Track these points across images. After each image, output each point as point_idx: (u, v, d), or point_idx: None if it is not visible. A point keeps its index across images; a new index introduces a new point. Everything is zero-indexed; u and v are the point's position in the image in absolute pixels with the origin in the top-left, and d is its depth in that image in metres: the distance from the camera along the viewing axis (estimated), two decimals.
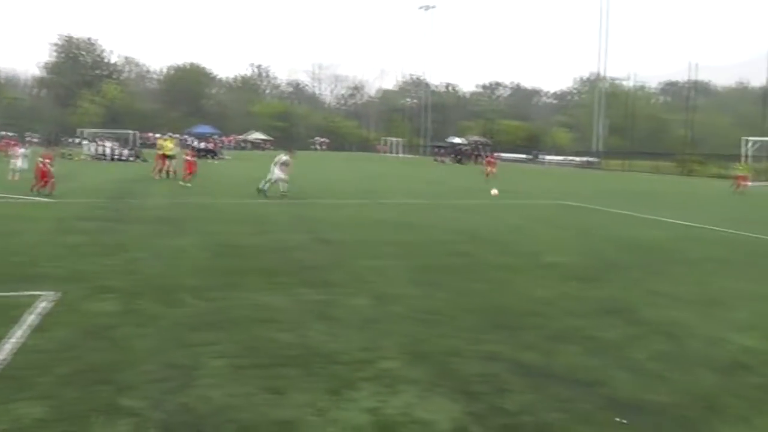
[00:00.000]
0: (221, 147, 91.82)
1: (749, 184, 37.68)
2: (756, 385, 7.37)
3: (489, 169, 46.89)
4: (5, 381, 6.88)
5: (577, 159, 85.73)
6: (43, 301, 10.01)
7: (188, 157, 36.37)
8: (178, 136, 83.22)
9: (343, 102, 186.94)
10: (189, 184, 33.31)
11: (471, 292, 11.39)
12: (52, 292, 10.53)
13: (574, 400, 6.66)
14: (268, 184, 28.48)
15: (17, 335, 8.35)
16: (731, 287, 12.46)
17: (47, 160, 27.19)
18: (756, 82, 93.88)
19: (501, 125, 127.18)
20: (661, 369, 7.70)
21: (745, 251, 16.96)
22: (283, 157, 29.33)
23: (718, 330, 9.48)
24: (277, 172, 28.61)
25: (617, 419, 6.27)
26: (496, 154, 66.48)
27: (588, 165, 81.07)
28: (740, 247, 17.68)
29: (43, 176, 26.84)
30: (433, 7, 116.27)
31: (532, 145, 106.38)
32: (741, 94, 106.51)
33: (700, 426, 6.21)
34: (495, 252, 15.68)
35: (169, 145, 40.90)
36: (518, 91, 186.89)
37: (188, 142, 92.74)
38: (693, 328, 9.55)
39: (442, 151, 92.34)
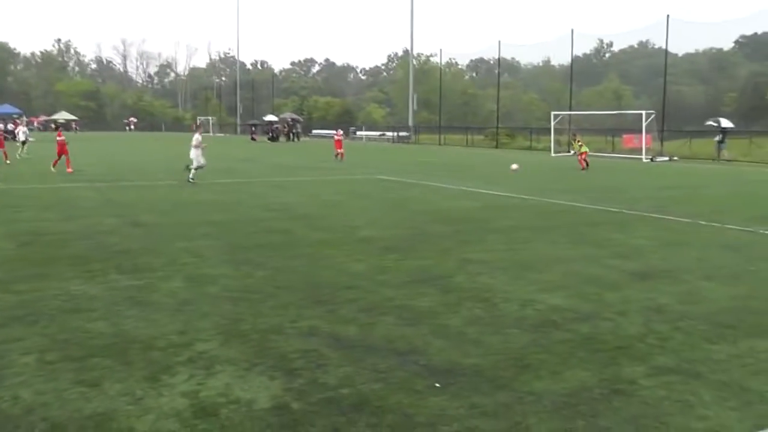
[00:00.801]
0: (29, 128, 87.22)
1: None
2: (564, 340, 7.79)
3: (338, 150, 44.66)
4: None
5: (391, 134, 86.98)
6: None
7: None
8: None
9: (152, 80, 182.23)
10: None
11: (288, 269, 11.40)
12: None
13: (392, 370, 6.80)
14: (195, 172, 26.89)
15: None
16: (541, 252, 13.09)
17: None
18: (558, 60, 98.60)
19: (315, 102, 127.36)
20: (475, 333, 7.99)
21: (553, 218, 17.82)
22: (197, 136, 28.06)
23: (528, 292, 9.94)
24: (196, 154, 27.20)
25: (434, 384, 6.46)
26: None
27: (402, 140, 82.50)
28: (548, 214, 18.55)
29: None
30: None
31: (345, 120, 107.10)
32: (545, 71, 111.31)
33: (513, 383, 6.47)
34: (311, 228, 15.76)
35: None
36: (331, 67, 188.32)
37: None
38: (505, 292, 9.96)
39: (256, 129, 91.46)
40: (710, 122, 50.54)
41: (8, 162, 35.32)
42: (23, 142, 44.22)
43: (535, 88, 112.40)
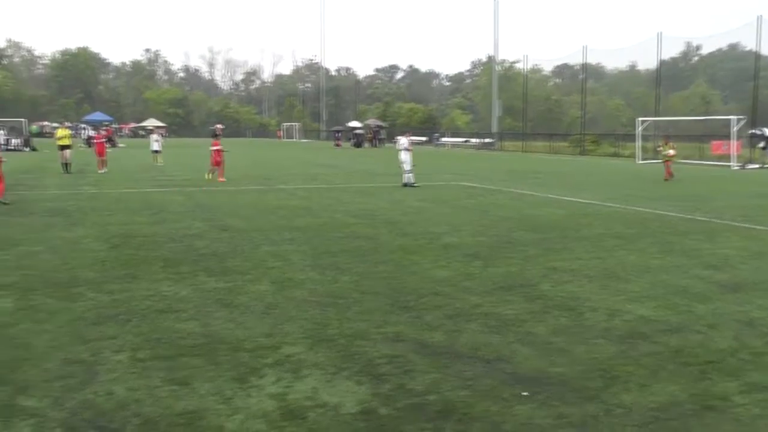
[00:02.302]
0: (117, 135, 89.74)
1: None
2: (652, 352, 7.63)
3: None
4: None
5: (475, 140, 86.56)
6: None
7: (96, 141, 36.75)
8: (69, 124, 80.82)
9: (238, 87, 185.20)
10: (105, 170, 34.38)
11: (373, 274, 11.46)
12: None
13: (478, 377, 6.78)
14: (410, 176, 28.16)
15: None
16: (627, 260, 12.85)
17: None
18: (644, 65, 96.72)
19: (399, 108, 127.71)
20: (561, 342, 7.91)
21: (640, 225, 17.48)
22: (403, 139, 29.23)
23: (616, 302, 9.77)
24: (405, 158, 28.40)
25: (521, 393, 6.41)
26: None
27: (486, 146, 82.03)
28: (635, 222, 18.20)
29: None
30: None
31: (429, 127, 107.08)
32: (631, 76, 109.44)
33: (601, 395, 6.38)
34: (395, 234, 15.79)
35: (65, 133, 37.21)
36: (415, 73, 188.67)
37: (76, 130, 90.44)
38: (592, 301, 9.81)
39: (340, 135, 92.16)
40: (755, 131, 49.18)
41: (101, 171, 35.27)
42: (156, 151, 44.03)
43: (620, 93, 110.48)
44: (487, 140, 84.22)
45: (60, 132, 37.56)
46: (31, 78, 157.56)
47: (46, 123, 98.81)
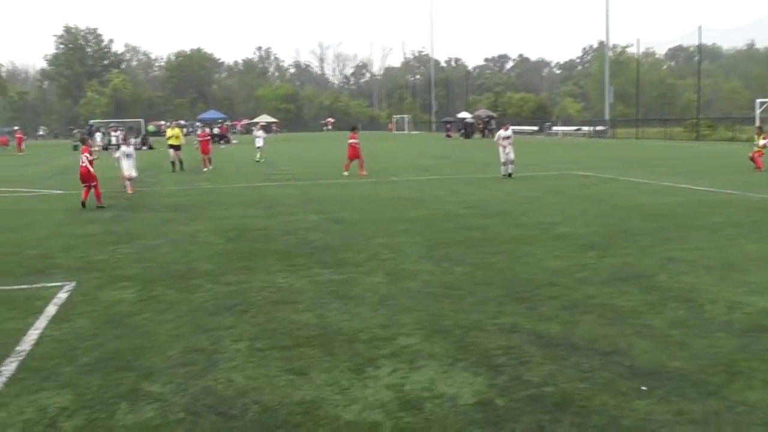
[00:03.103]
0: (230, 132, 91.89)
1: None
2: None
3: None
4: (29, 371, 6.96)
5: (587, 129, 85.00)
6: (61, 292, 10.15)
7: (200, 139, 36.62)
8: (183, 122, 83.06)
9: (348, 81, 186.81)
10: (209, 168, 34.51)
11: (487, 265, 11.37)
12: (68, 283, 10.66)
13: (596, 370, 6.64)
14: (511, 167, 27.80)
15: (39, 326, 8.47)
16: (748, 250, 12.34)
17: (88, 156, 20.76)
18: (762, 42, 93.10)
19: (509, 98, 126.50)
20: (680, 335, 7.65)
21: (761, 213, 16.81)
22: (503, 132, 28.52)
23: (736, 294, 9.39)
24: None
25: (640, 387, 6.25)
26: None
27: (598, 134, 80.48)
28: (755, 210, 17.51)
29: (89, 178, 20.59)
30: None
31: (540, 116, 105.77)
32: (749, 55, 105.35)
33: (723, 391, 6.15)
34: (508, 224, 15.64)
35: (175, 133, 36.82)
36: (525, 62, 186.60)
37: (192, 128, 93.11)
38: (711, 293, 9.46)
39: (450, 126, 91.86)
40: None
41: (206, 169, 34.85)
42: (259, 147, 43.22)
43: (737, 74, 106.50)
44: (599, 128, 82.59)
45: (170, 131, 37.56)
46: (148, 80, 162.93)
47: (162, 122, 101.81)
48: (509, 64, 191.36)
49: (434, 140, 77.12)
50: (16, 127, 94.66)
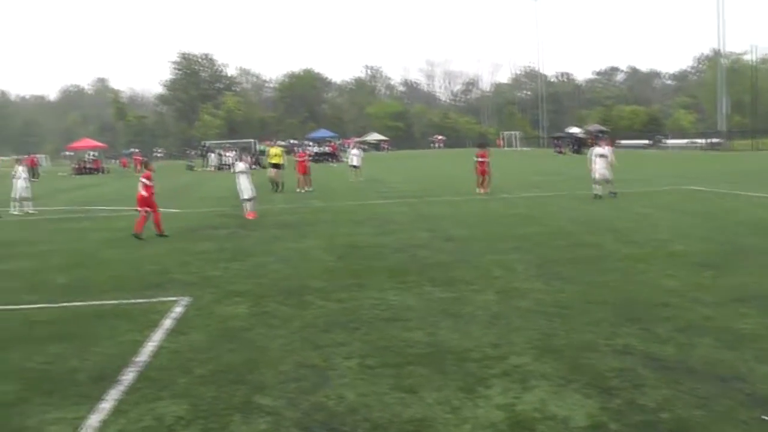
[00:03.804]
0: (341, 150, 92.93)
1: None
2: None
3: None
4: (147, 381, 7.22)
5: (701, 141, 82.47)
6: (177, 306, 10.45)
7: (298, 159, 35.74)
8: (283, 143, 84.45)
9: (457, 98, 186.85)
10: (307, 189, 33.58)
11: (599, 284, 11.14)
12: (184, 298, 10.98)
13: (713, 396, 6.40)
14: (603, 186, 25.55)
15: (156, 339, 8.76)
16: None
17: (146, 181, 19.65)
18: None
19: (620, 111, 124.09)
20: None
21: None
22: (598, 149, 27.03)
23: None
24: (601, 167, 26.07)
25: (761, 417, 6.00)
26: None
27: (712, 147, 78.05)
28: None
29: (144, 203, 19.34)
30: None
31: (652, 129, 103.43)
32: None
33: None
34: (621, 242, 15.29)
35: (276, 152, 36.08)
36: (636, 74, 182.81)
37: (301, 147, 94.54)
38: None
39: (560, 141, 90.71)
40: None
41: (303, 190, 33.60)
42: (355, 167, 41.57)
43: None
44: (713, 140, 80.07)
45: (272, 150, 36.91)
46: (260, 101, 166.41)
47: (271, 142, 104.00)
48: (619, 77, 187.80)
49: (544, 156, 76.24)
50: (134, 150, 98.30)
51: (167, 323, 9.53)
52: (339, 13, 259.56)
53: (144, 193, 19.18)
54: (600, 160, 26.14)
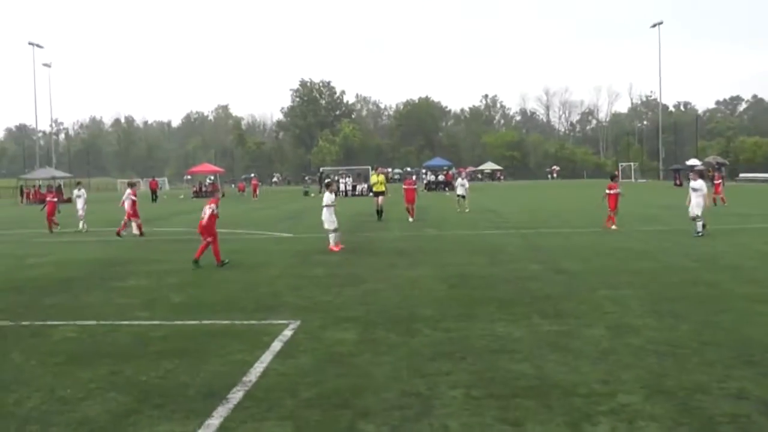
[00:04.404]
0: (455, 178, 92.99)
1: None
2: None
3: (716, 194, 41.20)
4: (254, 401, 7.43)
5: None
6: (287, 329, 10.68)
7: (407, 186, 34.64)
8: (389, 170, 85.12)
9: (574, 128, 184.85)
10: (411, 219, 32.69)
11: (715, 324, 10.80)
12: (294, 321, 11.19)
13: None
14: (699, 223, 23.98)
15: (265, 360, 8.98)
16: None
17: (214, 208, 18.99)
18: None
19: (741, 142, 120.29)
20: None
21: None
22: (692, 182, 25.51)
23: None
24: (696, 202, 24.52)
25: None
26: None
27: None
28: None
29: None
30: (661, 23, 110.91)
31: None
32: None
33: None
34: (740, 281, 14.79)
35: (379, 179, 35.19)
36: (760, 103, 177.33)
37: (419, 175, 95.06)
38: None
39: (679, 173, 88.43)
40: None
41: (411, 220, 32.92)
42: (461, 196, 40.07)
43: None
44: None
45: (374, 178, 36.05)
46: (377, 129, 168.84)
47: (388, 170, 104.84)
48: (742, 106, 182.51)
49: (662, 188, 74.39)
50: (252, 175, 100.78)
51: (276, 345, 9.74)
52: (458, 41, 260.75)
53: (206, 220, 18.66)
54: (694, 195, 24.63)
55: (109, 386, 8.04)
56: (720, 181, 44.62)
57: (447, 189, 74.08)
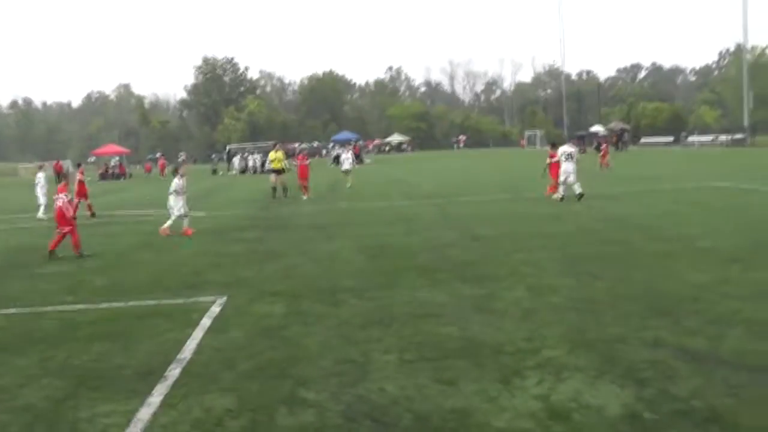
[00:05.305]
0: (365, 151, 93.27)
1: None
2: None
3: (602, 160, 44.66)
4: (192, 376, 7.51)
5: (724, 137, 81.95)
6: (214, 306, 10.72)
7: (298, 162, 33.27)
8: (296, 145, 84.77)
9: (479, 98, 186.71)
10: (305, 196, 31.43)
11: (628, 279, 11.30)
12: (220, 297, 11.24)
13: (744, 386, 6.56)
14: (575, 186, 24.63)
15: (196, 336, 9.05)
16: None
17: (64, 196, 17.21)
18: None
19: (643, 108, 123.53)
20: None
21: None
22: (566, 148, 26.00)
23: None
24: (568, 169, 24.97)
25: None
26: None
27: (736, 143, 77.49)
28: None
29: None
30: None
31: (676, 126, 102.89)
32: None
33: None
34: (648, 238, 15.42)
35: (278, 156, 33.46)
36: (658, 71, 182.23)
37: (327, 149, 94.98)
38: None
39: (583, 140, 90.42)
40: None
41: (305, 197, 31.47)
42: (347, 171, 38.72)
43: None
44: (737, 136, 79.47)
45: (272, 155, 34.12)
46: (282, 104, 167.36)
47: (296, 145, 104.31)
48: (642, 74, 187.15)
49: None
50: (158, 154, 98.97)
51: (206, 322, 9.78)
52: (360, 14, 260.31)
53: (65, 209, 17.02)
54: (571, 161, 25.20)
55: (43, 372, 7.98)
56: (604, 147, 46.74)
57: (355, 163, 74.21)
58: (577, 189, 24.58)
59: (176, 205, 20.73)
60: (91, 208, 28.21)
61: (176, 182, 20.98)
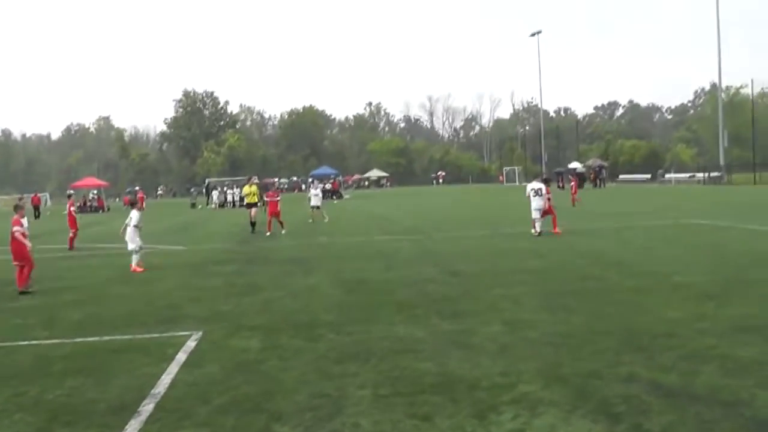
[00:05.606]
0: (344, 187, 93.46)
1: None
2: None
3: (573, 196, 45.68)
4: (166, 411, 7.47)
5: (701, 175, 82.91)
6: (190, 340, 10.70)
7: (269, 199, 32.30)
8: (275, 180, 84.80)
9: (458, 134, 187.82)
10: (278, 231, 31.02)
11: (603, 315, 11.36)
12: (196, 332, 11.22)
13: (717, 421, 6.59)
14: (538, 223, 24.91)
15: (171, 371, 9.00)
16: None
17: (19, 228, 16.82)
18: None
19: (620, 145, 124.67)
20: None
21: None
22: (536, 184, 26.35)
23: None
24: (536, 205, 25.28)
25: None
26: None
27: (712, 180, 78.32)
28: None
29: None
30: (540, 32, 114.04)
31: (653, 163, 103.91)
32: None
33: None
34: (624, 274, 15.53)
35: (252, 190, 33.62)
36: (635, 108, 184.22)
37: (307, 185, 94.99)
38: None
39: (561, 176, 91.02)
40: None
41: (268, 233, 30.78)
42: (315, 207, 39.00)
43: None
44: (713, 174, 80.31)
45: (246, 189, 34.37)
46: (262, 138, 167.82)
47: (275, 180, 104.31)
48: (619, 111, 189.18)
49: None
50: (137, 187, 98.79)
51: (182, 357, 9.74)
52: (341, 50, 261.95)
53: (21, 241, 16.66)
54: (540, 198, 25.45)
55: (16, 408, 7.89)
56: (573, 183, 47.44)
57: (335, 198, 74.38)
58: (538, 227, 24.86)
59: (132, 239, 20.07)
60: (71, 242, 28.02)
61: (135, 214, 20.38)
